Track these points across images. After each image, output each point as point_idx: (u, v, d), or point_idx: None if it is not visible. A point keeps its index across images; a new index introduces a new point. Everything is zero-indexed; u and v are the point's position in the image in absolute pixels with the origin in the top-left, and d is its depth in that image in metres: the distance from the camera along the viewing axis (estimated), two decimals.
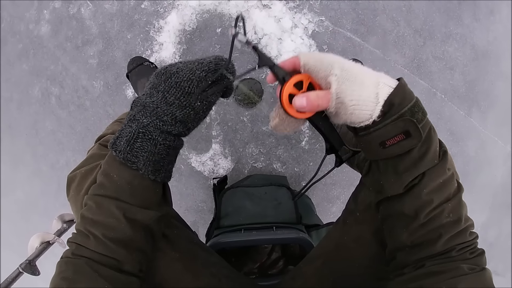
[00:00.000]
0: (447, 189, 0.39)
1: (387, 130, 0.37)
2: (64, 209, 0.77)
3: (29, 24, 1.14)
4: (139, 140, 0.39)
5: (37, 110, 1.20)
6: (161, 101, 0.39)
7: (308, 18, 1.03)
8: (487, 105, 1.16)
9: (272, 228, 0.75)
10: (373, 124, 0.37)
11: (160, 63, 1.08)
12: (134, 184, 0.40)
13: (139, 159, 0.39)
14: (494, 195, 1.29)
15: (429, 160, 0.38)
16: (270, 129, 0.44)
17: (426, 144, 0.37)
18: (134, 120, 0.40)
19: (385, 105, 0.36)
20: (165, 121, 0.39)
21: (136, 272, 0.42)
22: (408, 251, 0.41)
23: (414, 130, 0.36)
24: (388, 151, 0.38)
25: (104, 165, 0.42)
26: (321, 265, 0.55)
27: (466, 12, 1.06)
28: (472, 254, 0.38)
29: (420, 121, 0.36)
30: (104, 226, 0.40)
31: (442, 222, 0.38)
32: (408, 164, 0.38)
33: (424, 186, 0.38)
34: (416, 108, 0.37)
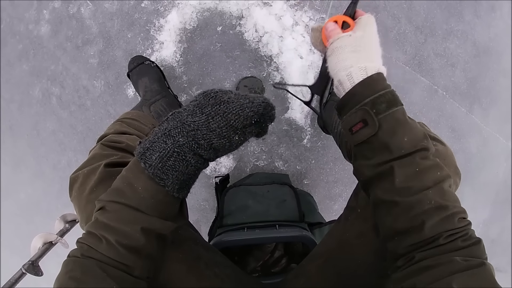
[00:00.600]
0: (426, 178, 0.40)
1: (351, 118, 0.43)
2: (66, 209, 0.77)
3: (29, 25, 1.14)
4: (172, 159, 0.39)
5: (38, 111, 1.20)
6: (203, 124, 0.39)
7: (309, 16, 1.03)
8: (488, 102, 1.15)
9: (275, 227, 0.75)
10: (344, 112, 0.45)
11: (160, 62, 1.07)
12: (157, 199, 0.41)
13: (169, 177, 0.40)
14: (496, 192, 1.29)
15: (394, 150, 0.40)
16: (309, 32, 0.54)
17: (389, 134, 0.41)
18: (170, 137, 0.39)
19: (349, 94, 0.43)
20: (200, 145, 0.40)
21: (144, 278, 0.42)
22: (396, 240, 0.41)
23: (370, 120, 0.41)
24: (354, 137, 0.43)
25: (127, 173, 0.42)
26: (324, 262, 0.55)
27: (467, 8, 1.06)
28: (464, 242, 0.37)
29: (380, 112, 0.41)
30: (119, 233, 0.39)
31: (424, 208, 0.39)
32: (373, 150, 0.42)
33: (396, 174, 0.40)
34: (380, 100, 0.41)
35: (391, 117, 0.41)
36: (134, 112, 0.86)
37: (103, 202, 0.42)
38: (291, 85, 0.60)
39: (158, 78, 1.00)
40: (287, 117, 1.10)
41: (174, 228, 0.44)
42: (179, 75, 1.08)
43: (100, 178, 0.52)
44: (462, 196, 0.44)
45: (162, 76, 1.02)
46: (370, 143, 0.42)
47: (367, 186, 0.46)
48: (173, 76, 1.08)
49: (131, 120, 0.77)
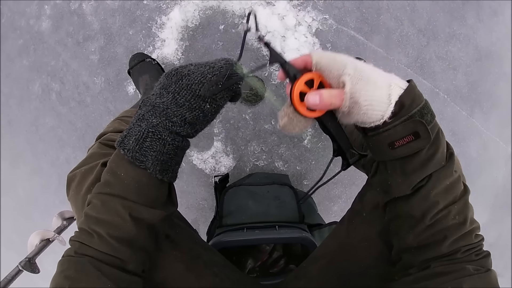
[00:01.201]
0: (454, 191, 0.39)
1: (397, 131, 0.37)
2: (64, 206, 0.77)
3: (30, 20, 1.13)
4: (148, 139, 0.39)
5: (37, 106, 1.19)
6: (171, 102, 0.39)
7: (312, 16, 1.02)
8: (489, 106, 1.15)
9: (274, 227, 0.74)
10: (383, 124, 0.37)
11: (162, 60, 1.07)
12: (141, 183, 0.40)
13: (148, 158, 0.39)
14: (495, 196, 1.29)
15: (437, 162, 0.38)
16: (279, 128, 0.45)
17: (435, 146, 0.37)
18: (143, 120, 0.40)
19: (395, 106, 0.36)
20: (174, 122, 0.40)
21: (139, 272, 0.42)
22: (413, 252, 0.41)
23: (424, 132, 0.36)
24: (397, 152, 0.38)
25: (110, 163, 0.42)
26: (325, 264, 0.54)
27: (469, 12, 1.06)
28: (477, 256, 0.39)
29: (429, 122, 0.37)
30: (109, 224, 0.39)
31: (448, 224, 0.38)
32: (416, 165, 0.38)
33: (432, 187, 0.38)
34: (425, 110, 0.37)
35: (436, 127, 0.38)
36: (134, 110, 0.85)
37: (90, 197, 0.42)
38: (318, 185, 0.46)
39: (159, 76, 0.99)
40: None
41: (163, 217, 0.44)
42: None
43: (97, 177, 0.51)
44: None
45: None
46: (414, 157, 0.38)
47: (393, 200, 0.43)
48: None
49: (131, 118, 0.76)
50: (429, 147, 0.37)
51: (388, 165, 0.41)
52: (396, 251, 0.44)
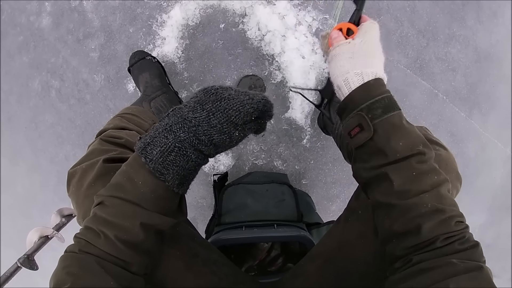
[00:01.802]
0: (422, 182, 0.40)
1: (349, 122, 0.45)
2: (63, 203, 0.77)
3: (30, 16, 1.13)
4: (173, 154, 0.39)
5: (37, 103, 1.19)
6: (204, 120, 0.39)
7: (312, 16, 1.02)
8: (488, 108, 1.16)
9: (273, 226, 0.75)
10: (344, 117, 0.47)
11: (162, 58, 1.07)
12: (157, 194, 0.40)
13: (169, 172, 0.39)
14: (493, 197, 1.29)
15: (389, 154, 0.41)
16: (320, 37, 0.57)
17: (385, 139, 0.42)
18: (171, 132, 0.40)
19: (347, 99, 0.45)
20: (201, 141, 0.40)
21: (141, 274, 0.42)
22: (394, 242, 0.42)
23: (366, 125, 0.42)
24: (353, 140, 0.45)
25: (127, 168, 0.42)
26: (322, 263, 0.55)
27: (469, 14, 1.06)
28: (461, 245, 0.37)
29: (376, 117, 0.42)
30: (118, 228, 0.39)
31: (421, 211, 0.39)
32: (370, 154, 0.44)
33: (394, 179, 0.41)
34: (376, 105, 0.42)
35: (386, 122, 0.42)
36: (134, 107, 0.85)
37: (101, 197, 0.41)
38: (305, 89, 0.64)
39: (159, 74, 0.99)
40: (287, 117, 1.09)
41: (173, 224, 0.44)
42: (180, 72, 1.08)
43: (98, 173, 0.51)
44: (459, 201, 0.45)
45: (163, 72, 1.02)
46: (367, 147, 0.44)
47: (366, 188, 0.47)
48: (174, 72, 1.08)
49: (131, 115, 0.77)
50: (379, 139, 0.42)
51: (355, 154, 0.48)
52: (380, 243, 0.45)
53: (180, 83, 1.09)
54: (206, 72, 1.08)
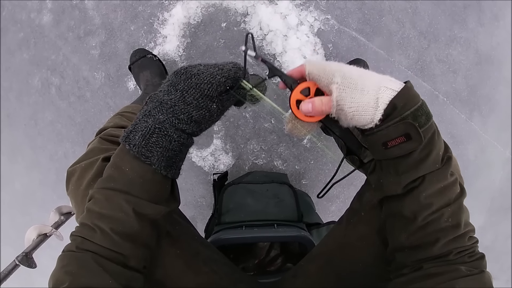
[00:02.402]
0: (448, 194, 0.39)
1: (389, 132, 0.38)
2: (61, 201, 0.76)
3: (31, 13, 1.12)
4: (155, 135, 0.40)
5: (37, 100, 1.19)
6: (179, 99, 0.40)
7: (314, 16, 1.02)
8: (488, 110, 1.16)
9: (273, 226, 0.75)
10: (377, 125, 0.39)
11: (163, 56, 1.07)
12: (146, 178, 0.41)
13: (153, 154, 0.40)
14: (492, 199, 1.30)
15: (430, 164, 0.38)
16: (286, 132, 0.47)
17: (428, 148, 0.38)
18: (150, 116, 0.40)
19: (387, 107, 0.38)
20: (181, 119, 0.41)
21: (141, 268, 0.42)
22: (406, 252, 0.41)
23: (415, 134, 0.37)
24: (390, 152, 0.39)
25: (114, 158, 0.42)
26: (323, 263, 0.55)
27: (471, 16, 1.06)
28: (471, 258, 0.39)
29: (422, 125, 0.37)
30: (112, 220, 0.39)
31: (441, 226, 0.39)
32: (408, 166, 0.39)
33: (424, 189, 0.39)
34: (419, 112, 0.37)
35: (430, 130, 0.38)
36: (135, 106, 0.85)
37: (92, 192, 0.42)
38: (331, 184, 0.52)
39: (160, 72, 0.99)
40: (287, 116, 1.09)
41: (165, 213, 0.44)
42: None
43: (97, 172, 0.51)
44: None
45: (164, 70, 1.01)
46: (406, 158, 0.38)
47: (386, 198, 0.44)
48: None
49: (131, 114, 0.76)
50: (422, 149, 0.38)
51: (383, 164, 0.42)
52: (390, 250, 0.45)
53: None
54: None
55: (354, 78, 0.38)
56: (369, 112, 0.38)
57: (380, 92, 0.37)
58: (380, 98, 0.37)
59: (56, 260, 0.39)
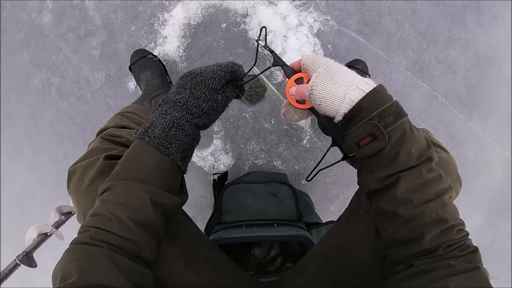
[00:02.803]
0: (428, 190, 0.40)
1: (358, 132, 0.42)
2: (62, 201, 0.77)
3: (31, 13, 1.13)
4: (173, 129, 0.45)
5: (37, 101, 1.19)
6: (189, 96, 0.47)
7: (314, 17, 1.03)
8: (487, 110, 1.16)
9: (273, 225, 0.75)
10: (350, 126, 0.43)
11: (163, 57, 1.07)
12: (163, 168, 0.45)
13: (172, 146, 0.45)
14: (491, 199, 1.30)
15: (402, 162, 0.40)
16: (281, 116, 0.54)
17: (397, 147, 0.40)
18: (167, 114, 0.46)
19: (354, 109, 0.42)
20: (194, 113, 0.47)
21: (151, 260, 0.43)
22: (396, 248, 0.42)
23: (379, 133, 0.40)
24: (362, 151, 0.42)
25: (133, 150, 0.46)
26: (323, 262, 0.55)
27: (470, 17, 1.07)
28: (462, 252, 0.38)
29: (388, 125, 0.40)
30: (130, 208, 0.41)
31: (425, 221, 0.39)
32: (380, 164, 0.42)
33: (400, 186, 0.40)
34: (386, 113, 0.40)
35: (399, 129, 0.40)
36: (135, 106, 0.85)
37: (108, 184, 0.43)
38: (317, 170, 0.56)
39: (160, 73, 0.99)
40: None
41: (178, 204, 0.47)
42: (181, 70, 1.08)
43: (99, 170, 0.51)
44: (457, 203, 0.45)
45: (164, 71, 1.02)
46: (378, 156, 0.42)
47: (371, 195, 0.46)
48: (175, 71, 1.08)
49: (132, 114, 0.77)
50: (391, 148, 0.40)
51: (362, 163, 0.46)
52: (382, 247, 0.45)
53: None
54: None
55: (333, 72, 0.43)
56: (334, 103, 0.43)
57: (351, 89, 0.42)
58: (347, 94, 0.42)
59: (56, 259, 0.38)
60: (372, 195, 0.45)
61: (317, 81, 0.43)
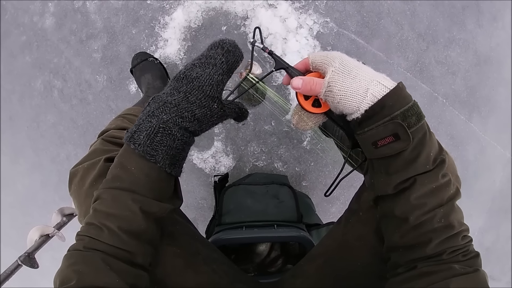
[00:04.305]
0: (440, 195, 0.39)
1: (378, 131, 0.39)
2: (63, 202, 0.77)
3: (33, 16, 1.14)
4: (159, 134, 0.41)
5: (39, 103, 1.20)
6: (183, 99, 0.42)
7: (313, 19, 1.03)
8: (487, 111, 1.16)
9: (273, 226, 0.75)
10: (367, 124, 0.40)
11: (164, 59, 1.08)
12: (151, 177, 0.41)
13: (158, 153, 0.41)
14: (492, 200, 1.30)
15: (420, 165, 0.38)
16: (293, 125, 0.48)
17: (418, 149, 0.38)
18: (154, 116, 0.41)
19: (377, 105, 0.38)
20: (184, 117, 0.42)
21: (147, 265, 0.43)
22: (401, 252, 0.42)
23: (403, 134, 0.37)
24: (380, 151, 0.40)
25: (119, 158, 0.43)
26: (322, 263, 0.55)
27: (469, 18, 1.07)
28: (465, 257, 0.39)
29: (411, 125, 0.37)
30: (119, 218, 0.40)
31: (434, 227, 0.39)
32: (398, 166, 0.39)
33: (415, 190, 0.39)
34: (410, 112, 0.38)
35: (421, 130, 0.38)
36: (137, 108, 0.86)
37: (98, 192, 0.42)
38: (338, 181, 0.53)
39: (161, 75, 1.00)
40: (288, 119, 1.10)
41: (170, 210, 0.45)
42: None
43: (100, 172, 0.52)
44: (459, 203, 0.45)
45: (165, 73, 1.03)
46: (396, 157, 0.39)
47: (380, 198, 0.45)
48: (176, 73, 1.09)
49: (133, 116, 0.77)
50: (412, 149, 0.38)
51: (375, 163, 0.43)
52: (385, 250, 0.45)
53: None
54: None
55: (350, 66, 0.40)
56: (356, 99, 0.39)
57: (372, 84, 0.38)
58: (369, 89, 0.38)
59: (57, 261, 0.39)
60: (383, 198, 0.44)
61: (335, 77, 0.39)
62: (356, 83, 0.39)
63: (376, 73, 0.40)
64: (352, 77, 0.39)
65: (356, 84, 0.39)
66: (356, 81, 0.39)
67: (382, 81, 0.39)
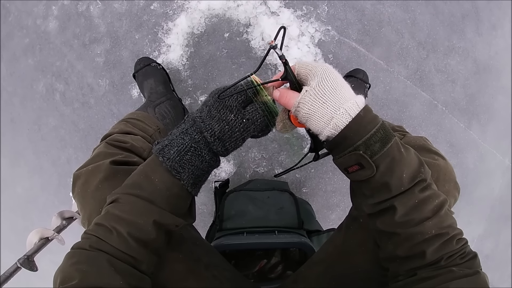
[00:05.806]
0: (425, 208, 0.40)
1: (345, 160, 0.40)
2: (63, 206, 0.77)
3: (37, 19, 1.15)
4: (189, 153, 0.42)
5: (41, 106, 1.20)
6: (207, 115, 0.43)
7: (315, 27, 1.05)
8: (487, 119, 1.17)
9: (274, 232, 0.75)
10: (336, 152, 0.41)
11: (167, 65, 1.08)
12: (172, 192, 0.43)
13: (185, 171, 0.42)
14: (491, 207, 1.30)
15: (394, 188, 0.39)
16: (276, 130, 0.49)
17: (387, 174, 0.38)
18: (187, 134, 0.43)
19: (339, 137, 0.39)
20: (206, 137, 0.42)
21: (149, 274, 0.43)
22: (398, 262, 0.42)
23: (366, 163, 0.38)
24: (351, 176, 0.41)
25: (144, 167, 0.44)
26: (323, 269, 0.55)
27: (469, 26, 1.08)
28: (462, 259, 0.39)
29: (375, 153, 0.38)
30: (131, 224, 0.40)
31: (424, 238, 0.39)
32: (373, 189, 0.40)
33: (398, 211, 0.40)
34: (372, 140, 0.38)
35: (387, 156, 0.38)
36: (139, 112, 0.86)
37: (116, 195, 0.43)
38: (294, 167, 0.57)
39: (164, 81, 1.00)
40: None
41: (183, 226, 0.45)
42: (184, 79, 1.09)
43: (105, 175, 0.52)
44: (458, 211, 0.46)
45: (168, 79, 1.03)
46: (368, 183, 0.40)
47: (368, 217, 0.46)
48: (178, 79, 1.09)
49: (136, 120, 0.78)
50: (381, 175, 0.39)
51: (354, 185, 0.45)
52: (383, 261, 0.46)
53: (184, 90, 1.10)
54: (209, 80, 1.09)
55: (326, 87, 0.39)
56: (319, 125, 0.40)
57: (338, 113, 0.39)
58: (334, 119, 0.39)
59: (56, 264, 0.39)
60: (370, 217, 0.45)
61: (306, 99, 0.40)
62: (323, 109, 0.39)
63: (350, 97, 0.40)
64: (322, 102, 0.39)
65: (323, 110, 0.39)
66: (324, 107, 0.39)
67: (349, 109, 0.39)
